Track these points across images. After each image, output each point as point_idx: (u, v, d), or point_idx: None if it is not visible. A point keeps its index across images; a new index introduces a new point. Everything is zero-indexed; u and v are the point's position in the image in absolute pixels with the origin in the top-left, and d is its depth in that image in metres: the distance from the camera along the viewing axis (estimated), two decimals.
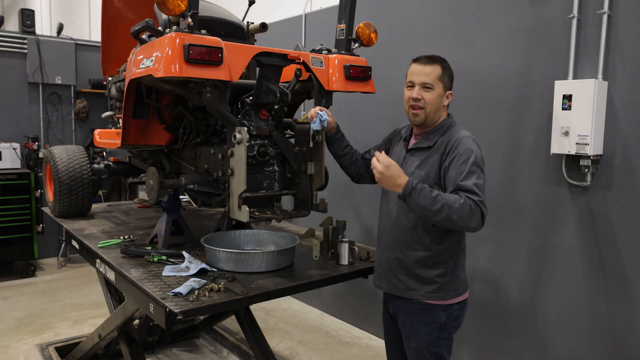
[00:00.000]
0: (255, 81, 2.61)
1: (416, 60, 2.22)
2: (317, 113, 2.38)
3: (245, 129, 2.32)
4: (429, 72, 2.15)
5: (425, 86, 2.15)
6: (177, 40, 2.09)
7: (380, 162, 2.00)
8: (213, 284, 2.18)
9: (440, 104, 2.19)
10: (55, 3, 12.40)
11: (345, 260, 2.63)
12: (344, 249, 2.63)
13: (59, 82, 6.59)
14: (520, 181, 3.28)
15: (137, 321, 3.80)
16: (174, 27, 2.17)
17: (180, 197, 3.14)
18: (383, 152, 2.07)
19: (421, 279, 2.18)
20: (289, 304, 5.25)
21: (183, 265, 2.42)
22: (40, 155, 6.20)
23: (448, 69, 2.21)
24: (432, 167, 2.13)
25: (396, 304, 2.29)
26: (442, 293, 2.17)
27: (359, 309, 4.62)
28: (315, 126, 2.39)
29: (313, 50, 2.77)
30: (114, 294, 3.21)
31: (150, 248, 2.74)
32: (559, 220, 3.09)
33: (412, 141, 2.30)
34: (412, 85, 2.19)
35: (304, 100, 3.17)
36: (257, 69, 2.56)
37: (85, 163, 3.61)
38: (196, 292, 2.10)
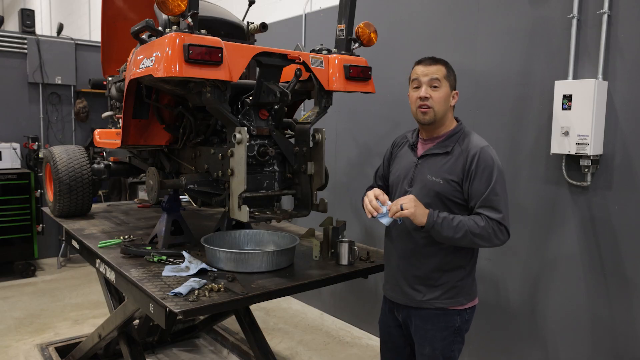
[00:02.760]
0: (255, 81, 2.61)
1: (419, 62, 2.20)
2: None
3: (245, 129, 2.32)
4: (435, 71, 2.14)
5: (433, 85, 2.14)
6: (177, 40, 2.09)
7: (406, 203, 2.00)
8: (213, 284, 2.18)
9: (448, 103, 2.17)
10: (55, 3, 12.40)
11: (345, 260, 2.63)
12: (344, 249, 2.63)
13: (59, 82, 6.59)
14: (520, 181, 3.28)
15: (137, 321, 3.80)
16: (174, 27, 2.17)
17: (180, 197, 3.14)
18: (399, 198, 2.04)
19: (440, 286, 2.15)
20: (289, 304, 5.25)
21: (183, 265, 2.42)
22: (40, 155, 6.20)
23: (451, 69, 2.20)
24: (450, 176, 2.09)
25: (409, 311, 2.25)
26: (459, 298, 2.16)
27: (359, 309, 4.62)
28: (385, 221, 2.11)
29: (313, 50, 2.76)
30: (114, 294, 3.21)
31: (150, 248, 2.74)
32: (559, 220, 3.09)
33: (422, 147, 2.25)
34: (418, 86, 2.17)
35: (304, 100, 3.17)
36: (257, 69, 2.56)
37: (85, 163, 3.61)
38: (196, 292, 2.10)
